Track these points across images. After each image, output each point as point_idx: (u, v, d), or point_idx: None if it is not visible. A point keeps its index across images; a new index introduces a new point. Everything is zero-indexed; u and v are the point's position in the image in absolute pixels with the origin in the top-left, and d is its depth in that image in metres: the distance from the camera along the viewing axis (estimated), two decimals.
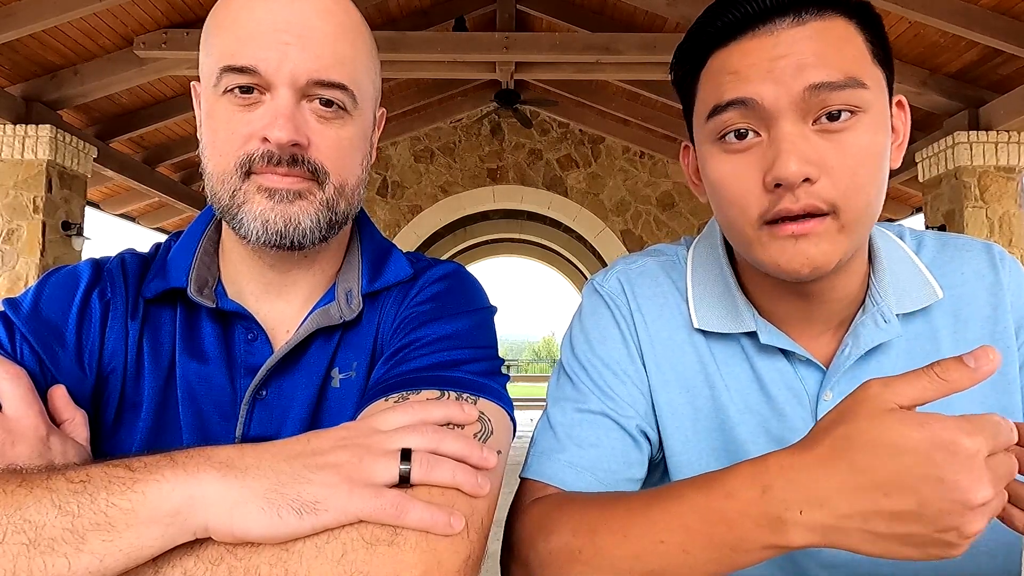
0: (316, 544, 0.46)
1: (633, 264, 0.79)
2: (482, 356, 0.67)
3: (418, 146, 8.27)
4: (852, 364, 0.69)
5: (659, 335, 0.74)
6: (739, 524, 0.50)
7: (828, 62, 0.57)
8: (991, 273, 0.72)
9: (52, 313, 0.64)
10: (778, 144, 0.58)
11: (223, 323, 0.69)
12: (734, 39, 0.61)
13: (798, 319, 0.71)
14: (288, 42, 0.61)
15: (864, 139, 0.58)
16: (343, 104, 0.64)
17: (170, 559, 0.46)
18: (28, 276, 4.96)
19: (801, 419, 0.70)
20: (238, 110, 0.62)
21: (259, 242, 0.63)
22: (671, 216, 8.23)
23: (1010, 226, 4.89)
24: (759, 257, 0.63)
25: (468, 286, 0.74)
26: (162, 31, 4.86)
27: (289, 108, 0.61)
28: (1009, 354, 0.69)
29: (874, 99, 0.59)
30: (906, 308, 0.69)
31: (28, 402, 0.56)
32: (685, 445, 0.73)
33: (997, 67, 4.61)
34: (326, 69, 0.62)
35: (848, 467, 0.45)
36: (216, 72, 0.62)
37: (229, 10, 0.63)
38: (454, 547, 0.49)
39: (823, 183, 0.58)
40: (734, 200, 0.62)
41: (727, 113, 0.61)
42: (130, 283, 0.69)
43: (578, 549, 0.57)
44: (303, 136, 0.62)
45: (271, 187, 0.62)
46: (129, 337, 0.67)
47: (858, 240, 0.62)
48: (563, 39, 5.51)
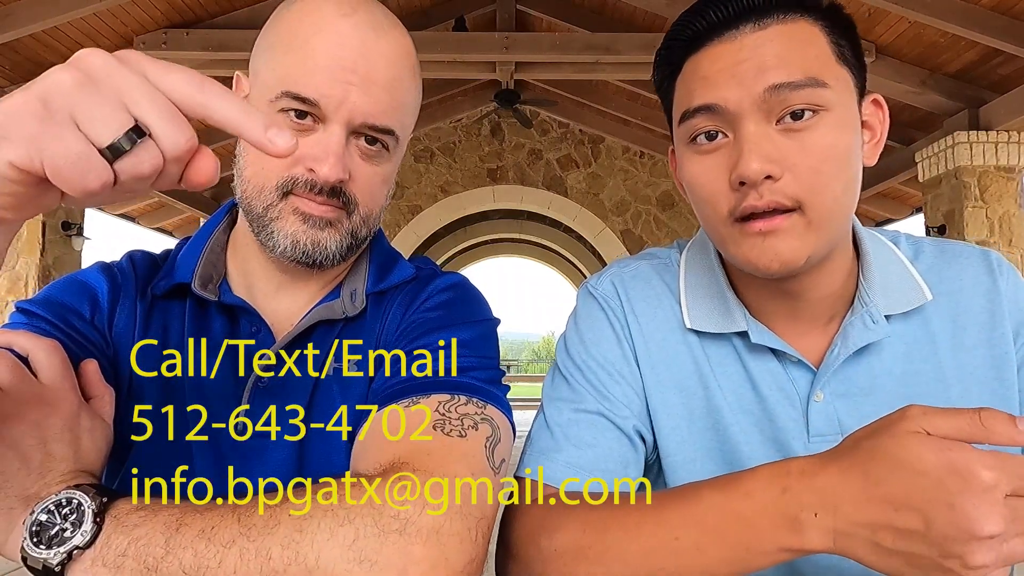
0: (330, 527, 0.47)
1: (626, 267, 0.81)
2: (488, 365, 0.68)
3: (418, 146, 8.27)
4: (842, 364, 0.69)
5: (653, 336, 0.75)
6: (756, 523, 0.51)
7: (788, 63, 0.60)
8: (988, 279, 0.72)
9: (65, 298, 0.66)
10: (741, 144, 0.61)
11: (230, 318, 0.71)
12: (704, 46, 0.64)
13: (785, 317, 0.72)
14: (352, 82, 0.62)
15: (827, 137, 0.60)
16: (387, 145, 0.67)
17: (182, 542, 0.46)
18: (28, 276, 4.96)
19: (793, 420, 0.71)
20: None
21: (284, 257, 0.66)
22: (671, 216, 8.23)
23: (1010, 226, 4.89)
24: (733, 253, 0.65)
25: (474, 297, 0.75)
26: (162, 31, 4.86)
27: (340, 147, 0.63)
28: (1007, 360, 0.70)
29: (837, 98, 0.61)
30: (895, 309, 0.70)
31: (63, 375, 0.56)
32: (680, 446, 0.73)
33: (997, 67, 4.61)
34: (381, 115, 0.65)
35: (863, 477, 0.46)
36: (276, 91, 0.63)
37: (297, 30, 0.64)
38: (462, 547, 0.50)
39: (786, 180, 0.60)
40: (706, 198, 0.66)
41: (696, 118, 0.64)
42: (139, 275, 0.72)
43: (587, 546, 0.58)
44: (347, 173, 0.64)
45: (307, 212, 0.65)
46: (138, 320, 0.69)
47: (830, 236, 0.63)
48: (563, 39, 5.51)
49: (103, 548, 0.46)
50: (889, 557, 0.45)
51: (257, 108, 0.66)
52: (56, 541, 0.46)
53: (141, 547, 0.46)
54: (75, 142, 0.34)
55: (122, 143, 0.35)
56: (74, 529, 0.46)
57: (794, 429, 0.70)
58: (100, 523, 0.47)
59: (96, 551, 0.46)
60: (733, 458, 0.72)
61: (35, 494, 0.49)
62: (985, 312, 0.71)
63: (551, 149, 8.36)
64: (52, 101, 0.34)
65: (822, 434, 0.70)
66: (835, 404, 0.70)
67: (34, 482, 0.50)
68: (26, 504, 0.48)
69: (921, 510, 0.43)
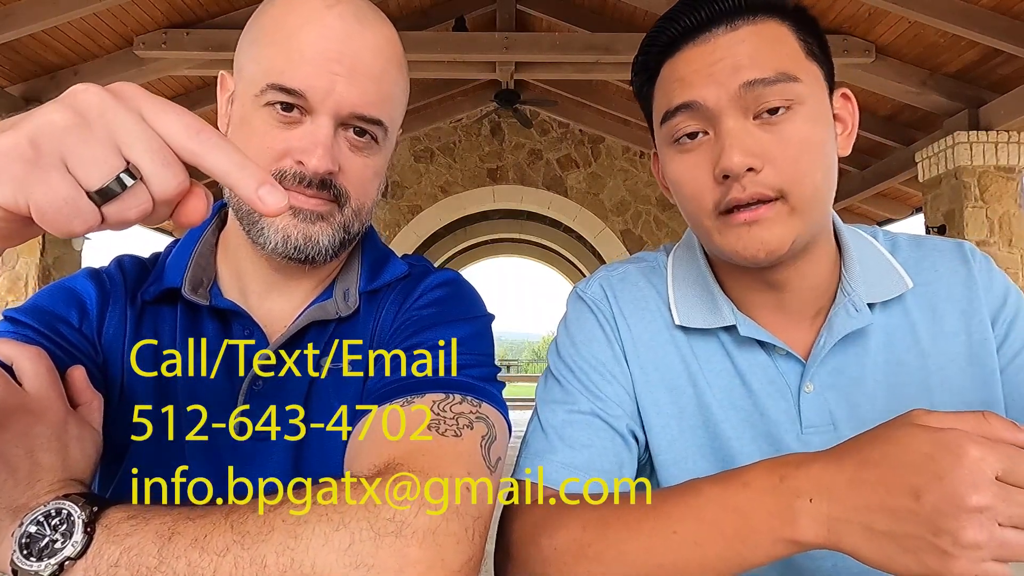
0: (324, 532, 0.47)
1: (614, 271, 0.83)
2: (483, 362, 0.67)
3: (418, 146, 8.27)
4: (829, 354, 0.71)
5: (641, 336, 0.76)
6: (752, 513, 0.51)
7: (760, 61, 0.63)
8: (964, 268, 0.75)
9: (53, 306, 0.66)
10: (722, 139, 0.64)
11: (222, 321, 0.70)
12: (679, 50, 0.67)
13: (773, 310, 0.73)
14: (338, 73, 0.62)
15: (802, 129, 0.64)
16: (375, 136, 0.67)
17: (175, 551, 0.45)
18: (28, 276, 4.96)
19: (784, 412, 0.72)
20: (276, 126, 0.63)
21: (276, 254, 0.66)
22: (671, 216, 8.23)
23: (1010, 226, 4.89)
24: (719, 245, 0.67)
25: (468, 293, 0.75)
26: (162, 31, 4.86)
27: (329, 138, 0.63)
28: (987, 346, 0.72)
29: (809, 92, 0.65)
30: (876, 298, 0.72)
31: (49, 382, 0.55)
32: (671, 444, 0.74)
33: (997, 67, 4.61)
34: (368, 105, 0.64)
35: (859, 462, 0.48)
36: (262, 84, 0.63)
37: (282, 23, 0.64)
38: (459, 547, 0.50)
39: (767, 171, 0.63)
40: (691, 194, 0.68)
41: (677, 117, 0.67)
42: (128, 280, 0.71)
43: (588, 543, 0.58)
44: (336, 164, 0.64)
45: (297, 206, 0.64)
46: (128, 325, 0.68)
47: (812, 222, 0.66)
48: (563, 39, 5.51)
49: (95, 559, 0.45)
50: (882, 543, 0.45)
51: (241, 104, 0.65)
52: (47, 553, 0.45)
53: (133, 557, 0.45)
54: (63, 186, 0.34)
55: (112, 187, 0.35)
56: (64, 540, 0.46)
57: (786, 422, 0.71)
58: (91, 533, 0.46)
59: (88, 561, 0.45)
60: (724, 454, 0.73)
61: (24, 505, 0.48)
62: (963, 300, 0.73)
63: (551, 149, 8.36)
64: (42, 143, 0.34)
65: (814, 425, 0.71)
66: (825, 395, 0.71)
67: (22, 493, 0.49)
68: (14, 515, 0.47)
69: (912, 485, 0.44)
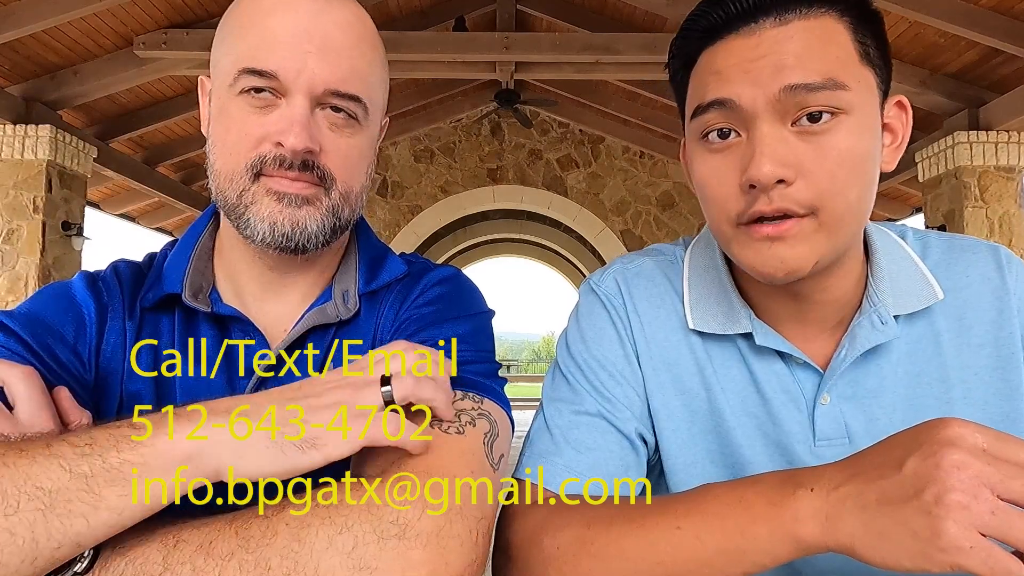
0: (328, 535, 0.47)
1: (630, 264, 0.79)
2: (484, 359, 0.67)
3: (418, 146, 8.27)
4: (849, 366, 0.68)
5: (655, 337, 0.74)
6: (754, 502, 0.51)
7: (807, 63, 0.57)
8: (997, 276, 0.70)
9: (48, 316, 0.65)
10: (754, 145, 0.58)
11: (221, 326, 0.70)
12: (720, 38, 0.61)
13: (793, 320, 0.70)
14: (309, 51, 0.62)
15: (845, 141, 0.57)
16: (355, 114, 0.66)
17: (180, 558, 0.46)
18: (28, 276, 4.96)
19: (798, 423, 0.69)
20: (252, 112, 0.63)
21: (264, 243, 0.65)
22: (671, 216, 8.23)
23: (1010, 226, 4.89)
24: (737, 256, 0.64)
25: (468, 290, 0.74)
26: (162, 31, 4.86)
27: (305, 116, 0.62)
28: (1014, 360, 0.68)
29: (859, 101, 0.58)
30: (904, 309, 0.68)
31: (40, 404, 0.56)
32: (681, 448, 0.72)
33: (997, 67, 4.61)
34: (343, 80, 0.64)
35: (860, 455, 0.49)
36: (234, 72, 0.63)
37: (252, 13, 0.64)
38: (463, 549, 0.49)
39: (799, 185, 0.58)
40: (714, 199, 0.63)
41: (708, 113, 0.61)
42: (125, 288, 0.70)
43: (591, 540, 0.57)
44: (316, 143, 0.63)
45: (281, 191, 0.63)
46: (127, 339, 0.67)
47: (841, 242, 0.61)
48: (563, 39, 5.51)
49: (101, 571, 0.46)
50: (875, 519, 0.45)
51: (217, 97, 0.66)
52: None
53: (139, 566, 0.46)
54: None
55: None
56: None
57: (799, 433, 0.69)
58: (97, 547, 0.47)
59: (95, 575, 0.46)
60: (735, 461, 0.71)
61: None
62: (993, 310, 0.69)
63: (551, 149, 8.36)
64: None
65: (828, 438, 0.68)
66: (841, 407, 0.68)
67: None
68: None
69: (896, 458, 0.45)
